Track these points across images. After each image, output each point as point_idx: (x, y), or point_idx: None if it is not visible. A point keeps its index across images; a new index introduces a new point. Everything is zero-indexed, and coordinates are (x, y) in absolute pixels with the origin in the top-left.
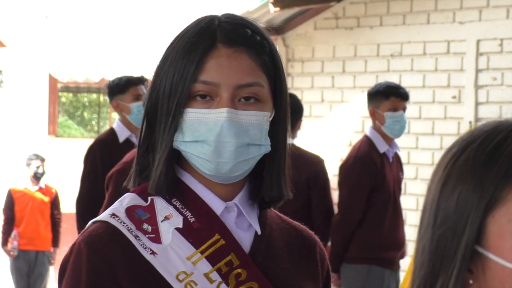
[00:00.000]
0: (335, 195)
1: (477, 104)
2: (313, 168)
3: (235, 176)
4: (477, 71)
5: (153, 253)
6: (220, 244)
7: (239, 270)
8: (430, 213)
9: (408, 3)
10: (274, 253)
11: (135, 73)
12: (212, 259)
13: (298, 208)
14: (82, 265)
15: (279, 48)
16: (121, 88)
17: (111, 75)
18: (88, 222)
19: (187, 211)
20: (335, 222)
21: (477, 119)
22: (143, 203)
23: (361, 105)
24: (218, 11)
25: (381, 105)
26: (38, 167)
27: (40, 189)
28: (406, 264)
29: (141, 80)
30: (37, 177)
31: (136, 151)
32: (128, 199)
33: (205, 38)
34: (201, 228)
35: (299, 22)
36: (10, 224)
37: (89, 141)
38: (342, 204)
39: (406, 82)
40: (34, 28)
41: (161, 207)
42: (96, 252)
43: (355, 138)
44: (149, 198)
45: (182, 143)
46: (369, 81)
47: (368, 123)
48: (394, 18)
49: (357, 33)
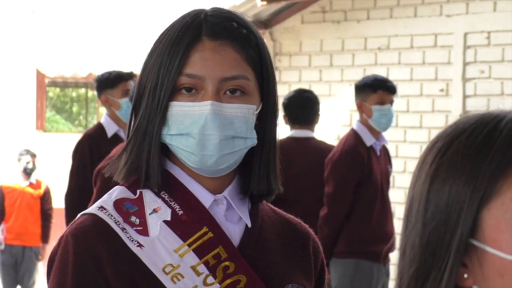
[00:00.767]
0: None
1: (465, 97)
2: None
3: (221, 169)
4: (465, 64)
5: (140, 245)
6: (208, 237)
7: (227, 263)
8: (419, 209)
9: None
10: (264, 246)
11: (122, 68)
12: (200, 252)
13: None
14: (69, 257)
15: (266, 42)
16: (111, 83)
17: (99, 70)
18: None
19: (176, 204)
20: (323, 217)
21: (465, 112)
22: (131, 196)
23: (348, 99)
24: (206, 5)
25: (368, 98)
26: (28, 163)
27: (31, 185)
28: (396, 257)
29: (131, 76)
30: (27, 173)
31: (124, 145)
32: (116, 192)
33: (190, 32)
34: (189, 220)
35: (286, 16)
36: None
37: (77, 136)
38: (329, 198)
39: (393, 76)
40: (21, 23)
41: (150, 200)
42: (82, 244)
43: (343, 131)
44: (138, 191)
45: (168, 136)
46: (357, 75)
47: (356, 116)
48: (381, 11)
49: (344, 27)
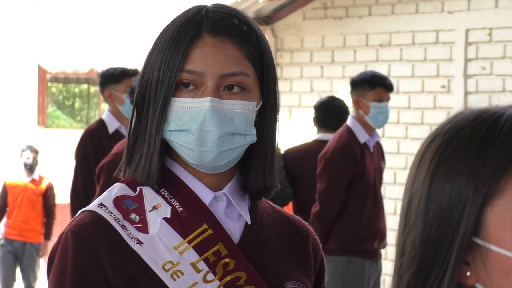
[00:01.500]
0: None
1: (466, 93)
2: None
3: (220, 166)
4: (466, 60)
5: (139, 242)
6: (208, 234)
7: (227, 260)
8: (419, 207)
9: None
10: (264, 243)
11: (124, 64)
12: (200, 249)
13: None
14: (68, 254)
15: (268, 38)
16: (116, 78)
17: (100, 65)
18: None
19: (175, 201)
20: (315, 213)
21: (466, 109)
22: (131, 193)
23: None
24: (208, 1)
25: (366, 95)
26: (28, 158)
27: (33, 181)
28: (388, 253)
29: (135, 72)
30: (27, 168)
31: (125, 141)
32: (116, 189)
33: (191, 28)
34: (189, 217)
35: (287, 12)
36: (0, 214)
37: (79, 132)
38: (322, 195)
39: (395, 72)
40: (23, 18)
41: (150, 197)
42: (82, 242)
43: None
44: (138, 188)
45: (168, 132)
46: (358, 71)
47: None
48: (383, 8)
49: (346, 23)
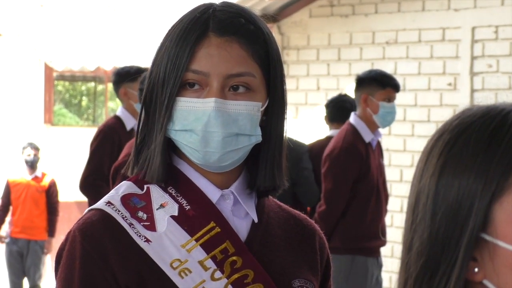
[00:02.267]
0: None
1: (472, 91)
2: None
3: (225, 166)
4: (473, 58)
5: (147, 240)
6: (215, 232)
7: (234, 258)
8: (427, 203)
9: None
10: (271, 241)
11: (130, 61)
12: (207, 247)
13: None
14: (76, 253)
15: (274, 36)
16: (131, 76)
17: (107, 63)
18: (94, 195)
19: (183, 199)
20: (320, 213)
21: (474, 105)
22: (139, 191)
23: (353, 91)
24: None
25: (376, 94)
26: (28, 155)
27: (36, 178)
28: (394, 251)
29: None
30: (29, 165)
31: (133, 141)
32: (124, 187)
33: (197, 27)
34: (196, 215)
35: (294, 9)
36: (4, 212)
37: (85, 130)
38: (328, 194)
39: (401, 70)
40: (30, 17)
41: (157, 195)
42: (89, 240)
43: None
44: (145, 186)
45: (173, 131)
46: (365, 69)
47: None
48: (389, 5)
49: (352, 21)
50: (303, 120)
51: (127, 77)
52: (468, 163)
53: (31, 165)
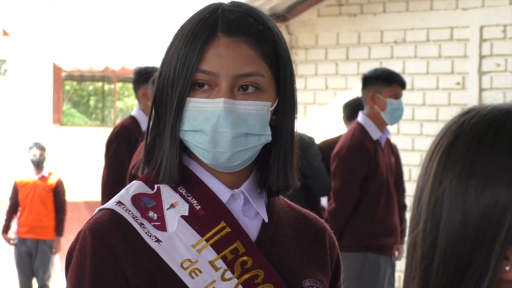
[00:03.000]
0: None
1: (481, 90)
2: None
3: (235, 166)
4: (481, 57)
5: (158, 240)
6: (226, 232)
7: (244, 258)
8: (453, 206)
9: None
10: (281, 241)
11: (139, 62)
12: (217, 247)
13: None
14: (87, 253)
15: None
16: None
17: (115, 63)
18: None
19: (193, 199)
20: (330, 211)
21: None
22: (149, 191)
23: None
24: None
25: (383, 91)
26: (34, 155)
27: (42, 178)
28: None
29: None
30: (35, 165)
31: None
32: (134, 187)
33: (206, 27)
34: (207, 215)
35: (302, 9)
36: (12, 212)
37: (94, 130)
38: (337, 193)
39: (409, 69)
40: (38, 17)
41: (167, 195)
42: (100, 240)
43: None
44: (156, 186)
45: (183, 132)
46: (373, 68)
47: None
48: (397, 4)
49: (361, 20)
50: (311, 120)
51: (148, 77)
52: (499, 165)
53: (37, 165)
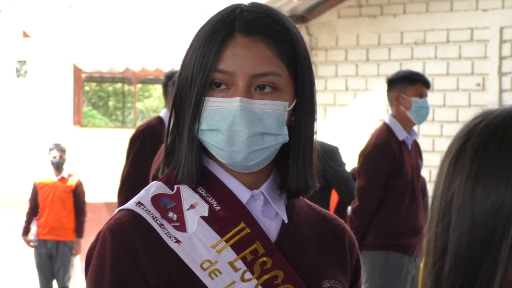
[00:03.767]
0: None
1: (501, 91)
2: None
3: (252, 166)
4: (501, 58)
5: (177, 241)
6: (246, 233)
7: (264, 259)
8: (463, 207)
9: None
10: (301, 242)
11: (158, 63)
12: (237, 248)
13: None
14: (107, 253)
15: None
16: None
17: (135, 65)
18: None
19: (213, 200)
20: (353, 209)
21: (501, 106)
22: (169, 191)
23: (385, 93)
24: (244, 0)
25: (407, 91)
26: (54, 157)
27: (62, 179)
28: None
29: None
30: (55, 167)
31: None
32: (154, 187)
33: (224, 27)
34: (227, 216)
35: (322, 10)
36: (32, 214)
37: (114, 131)
38: (361, 191)
39: (430, 70)
40: (58, 18)
41: (187, 195)
42: (120, 240)
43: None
44: (175, 187)
45: (200, 131)
46: (393, 69)
47: None
48: (417, 5)
49: (381, 21)
50: (331, 121)
51: None
52: (506, 167)
53: (57, 167)
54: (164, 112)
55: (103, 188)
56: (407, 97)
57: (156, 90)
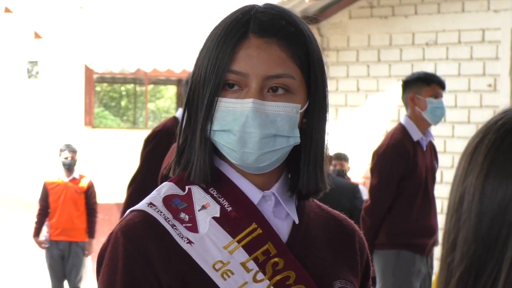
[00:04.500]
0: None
1: None
2: None
3: (263, 167)
4: None
5: (189, 242)
6: (257, 233)
7: (276, 259)
8: (472, 203)
9: None
10: (311, 242)
11: (170, 64)
12: (249, 248)
13: None
14: (119, 254)
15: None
16: None
17: (147, 65)
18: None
19: (224, 200)
20: (365, 208)
21: None
22: (180, 192)
23: (396, 94)
24: (258, 1)
25: (422, 91)
26: (66, 158)
27: (74, 180)
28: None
29: None
30: (66, 168)
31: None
32: (165, 188)
33: (238, 28)
34: (238, 217)
35: (333, 11)
36: (43, 215)
37: (126, 132)
38: (373, 190)
39: (441, 71)
40: (69, 19)
41: (198, 196)
42: (132, 241)
43: (390, 127)
44: (187, 187)
45: (212, 132)
46: (405, 70)
47: (404, 112)
48: (429, 6)
49: (392, 22)
50: (343, 122)
51: None
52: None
53: (68, 168)
54: (179, 112)
55: (114, 189)
56: (423, 97)
57: (167, 90)
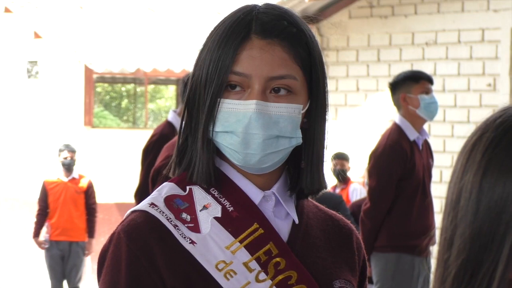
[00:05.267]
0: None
1: None
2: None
3: (265, 168)
4: None
5: (192, 242)
6: (259, 233)
7: (278, 259)
8: (469, 200)
9: None
10: (311, 242)
11: (170, 64)
12: (251, 248)
13: None
14: (122, 254)
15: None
16: None
17: (146, 65)
18: None
19: (226, 201)
20: (365, 211)
21: None
22: (181, 192)
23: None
24: (257, 1)
25: (412, 89)
26: (65, 158)
27: (73, 180)
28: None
29: None
30: (65, 168)
31: (175, 141)
32: (166, 188)
33: (240, 29)
34: (240, 217)
35: (333, 11)
36: (43, 215)
37: (126, 131)
38: (373, 192)
39: (441, 71)
40: (69, 19)
41: (200, 196)
42: (135, 241)
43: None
44: (188, 188)
45: (214, 133)
46: (404, 70)
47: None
48: (429, 6)
49: (392, 22)
50: (342, 122)
51: None
52: (510, 163)
53: (68, 168)
54: (173, 117)
55: (114, 188)
56: (414, 95)
57: (168, 90)
